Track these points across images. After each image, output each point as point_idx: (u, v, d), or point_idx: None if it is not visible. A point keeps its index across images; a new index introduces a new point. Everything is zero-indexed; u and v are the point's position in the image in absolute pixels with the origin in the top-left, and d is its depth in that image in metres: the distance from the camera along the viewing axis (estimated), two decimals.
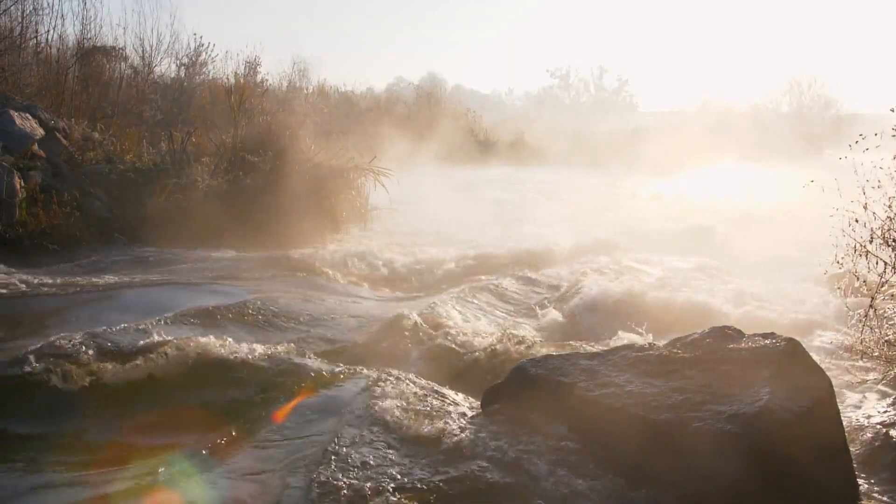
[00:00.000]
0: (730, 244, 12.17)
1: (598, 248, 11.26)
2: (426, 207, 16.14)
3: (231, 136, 13.75)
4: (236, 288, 8.09)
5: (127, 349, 5.16)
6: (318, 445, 3.97)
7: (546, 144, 32.70)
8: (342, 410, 4.43)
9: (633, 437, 3.76)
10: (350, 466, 3.69)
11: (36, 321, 6.80)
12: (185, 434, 4.39)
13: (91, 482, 3.77)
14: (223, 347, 5.32)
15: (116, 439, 4.29)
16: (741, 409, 3.67)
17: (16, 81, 14.93)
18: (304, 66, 29.06)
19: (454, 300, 7.89)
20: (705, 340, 4.37)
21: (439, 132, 28.28)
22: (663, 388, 3.96)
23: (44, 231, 10.23)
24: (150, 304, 7.24)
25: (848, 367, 5.83)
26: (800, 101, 43.23)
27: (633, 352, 4.44)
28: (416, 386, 4.75)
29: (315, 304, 7.57)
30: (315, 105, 24.65)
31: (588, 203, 18.99)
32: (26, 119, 11.76)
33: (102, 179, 11.76)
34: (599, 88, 57.20)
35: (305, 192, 11.97)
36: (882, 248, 5.35)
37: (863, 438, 4.44)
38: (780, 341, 4.17)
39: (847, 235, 5.38)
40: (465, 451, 3.88)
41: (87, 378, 4.82)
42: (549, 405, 4.17)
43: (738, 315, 7.48)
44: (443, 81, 42.78)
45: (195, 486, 3.63)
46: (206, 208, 11.46)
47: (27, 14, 16.72)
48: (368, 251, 11.23)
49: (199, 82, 22.32)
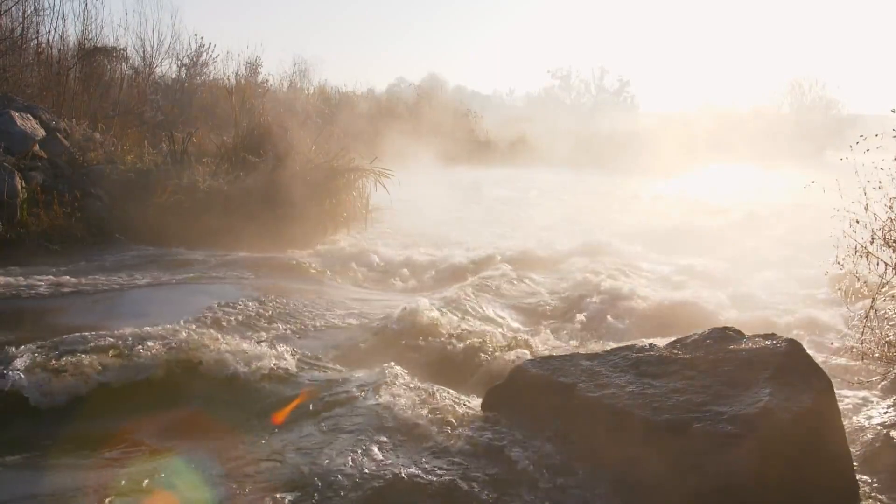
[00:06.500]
0: (731, 245, 12.15)
1: (598, 249, 11.25)
2: (427, 208, 16.14)
3: (232, 136, 13.74)
4: (236, 288, 8.10)
5: (126, 350, 5.16)
6: (318, 446, 3.97)
7: (547, 145, 32.67)
8: (342, 411, 4.43)
9: (633, 438, 3.76)
10: (349, 467, 3.69)
11: (36, 321, 6.81)
12: (184, 435, 4.39)
13: (90, 484, 3.76)
14: (223, 348, 5.32)
15: (115, 440, 4.29)
16: (741, 409, 3.67)
17: (17, 82, 14.96)
18: (304, 67, 29.14)
19: (454, 300, 7.89)
20: (705, 341, 4.37)
21: (440, 133, 28.28)
22: (663, 389, 3.96)
23: (45, 231, 10.25)
24: (151, 305, 7.25)
25: (848, 367, 5.83)
26: (801, 102, 43.21)
27: (633, 352, 4.44)
28: (417, 386, 4.74)
29: (315, 304, 7.57)
30: (316, 105, 24.67)
31: (589, 203, 18.99)
32: (27, 120, 11.77)
33: (103, 180, 11.77)
34: (600, 89, 57.19)
35: (306, 192, 11.97)
36: (883, 248, 5.35)
37: (863, 439, 4.44)
38: (780, 342, 4.17)
39: (848, 236, 5.38)
40: (465, 451, 3.88)
41: (87, 378, 4.82)
42: (550, 406, 4.17)
43: (739, 316, 7.47)
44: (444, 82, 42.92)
45: (194, 488, 3.64)
46: (206, 209, 11.46)
47: (28, 15, 16.76)
48: (369, 251, 11.23)
49: (200, 83, 22.34)
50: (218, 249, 10.61)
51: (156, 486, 3.67)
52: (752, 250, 11.75)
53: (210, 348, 5.29)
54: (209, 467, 3.84)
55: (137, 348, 5.16)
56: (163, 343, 5.27)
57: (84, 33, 18.19)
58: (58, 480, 3.83)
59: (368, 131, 22.89)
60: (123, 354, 5.10)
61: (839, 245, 5.42)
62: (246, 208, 11.57)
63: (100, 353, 5.07)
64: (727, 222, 14.98)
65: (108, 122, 15.36)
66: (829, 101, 42.51)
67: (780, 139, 31.98)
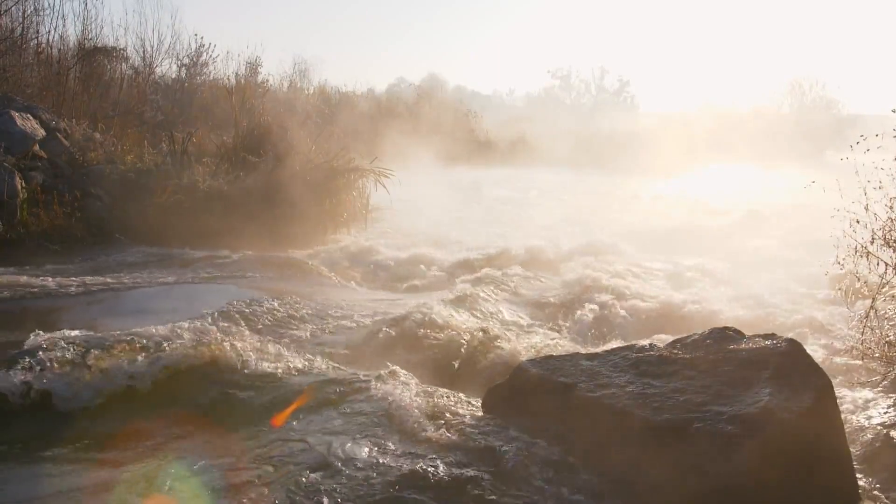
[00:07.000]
0: (731, 245, 12.15)
1: (599, 249, 11.24)
2: (427, 208, 16.14)
3: (232, 136, 13.74)
4: (236, 288, 8.09)
5: (127, 350, 5.16)
6: (318, 447, 3.97)
7: (547, 145, 32.68)
8: (342, 412, 4.43)
9: (633, 438, 3.76)
10: (350, 467, 3.69)
11: (36, 321, 6.79)
12: (184, 436, 4.38)
13: (89, 485, 3.76)
14: (223, 348, 5.32)
15: (115, 441, 4.29)
16: (742, 409, 3.67)
17: (17, 82, 14.97)
18: (304, 67, 29.15)
19: (455, 300, 7.89)
20: (705, 341, 4.37)
21: (440, 133, 28.29)
22: (664, 389, 3.96)
23: (45, 231, 10.25)
24: (151, 305, 7.24)
25: (848, 367, 5.83)
26: (801, 102, 43.20)
27: (633, 352, 4.44)
28: (417, 386, 4.74)
29: (315, 304, 7.57)
30: (316, 105, 24.67)
31: (589, 203, 18.99)
32: (27, 120, 11.77)
33: (103, 180, 11.77)
34: (600, 89, 57.19)
35: (306, 192, 11.97)
36: (883, 248, 5.35)
37: (863, 439, 4.44)
38: (780, 342, 4.17)
39: (848, 236, 5.38)
40: (465, 451, 3.88)
41: (86, 379, 4.82)
42: (550, 406, 4.17)
43: (739, 316, 7.48)
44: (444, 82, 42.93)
45: (194, 490, 3.63)
46: (206, 209, 11.46)
47: (28, 15, 16.77)
48: (369, 251, 11.23)
49: (200, 83, 22.34)
50: (218, 249, 10.61)
51: (156, 486, 3.67)
52: (753, 250, 11.75)
53: (209, 348, 5.29)
54: (209, 468, 3.84)
55: (136, 349, 5.15)
56: (162, 343, 5.26)
57: (84, 33, 18.22)
58: (58, 481, 3.83)
59: (368, 131, 22.91)
60: (122, 355, 5.10)
61: (839, 245, 5.42)
62: (246, 208, 11.58)
63: (98, 354, 5.07)
64: (727, 222, 14.98)
65: (108, 122, 15.36)
66: (829, 101, 42.54)
67: (780, 139, 31.99)
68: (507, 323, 7.62)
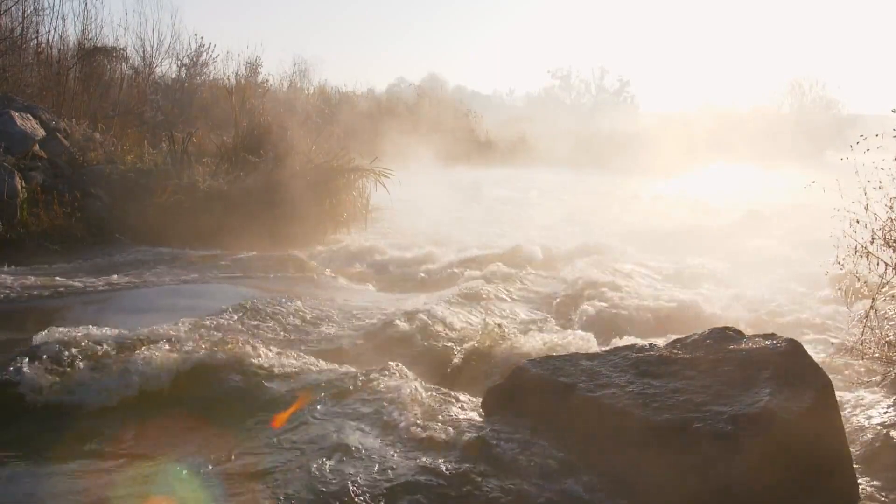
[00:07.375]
0: (731, 245, 12.15)
1: (599, 249, 11.24)
2: (427, 207, 16.14)
3: (232, 136, 13.75)
4: (237, 288, 8.09)
5: (127, 351, 5.16)
6: (318, 448, 3.97)
7: (547, 145, 32.69)
8: (342, 411, 4.43)
9: (633, 438, 3.76)
10: (350, 468, 3.69)
11: (36, 322, 6.79)
12: (183, 437, 4.38)
13: (89, 486, 3.76)
14: (223, 349, 5.32)
15: (115, 442, 4.29)
16: (742, 409, 3.66)
17: (17, 82, 14.97)
18: (304, 67, 29.17)
19: (455, 300, 7.89)
20: (705, 341, 4.36)
21: (440, 133, 28.29)
22: (663, 389, 3.96)
23: (45, 231, 10.26)
24: (151, 305, 7.24)
25: (848, 367, 5.83)
26: (801, 102, 43.22)
27: (633, 352, 4.44)
28: (417, 386, 4.74)
29: (315, 304, 7.57)
30: (316, 105, 24.67)
31: (589, 203, 18.99)
32: (27, 120, 11.77)
33: (103, 180, 11.78)
34: (600, 89, 57.19)
35: (306, 192, 11.98)
36: (883, 249, 5.35)
37: (863, 439, 4.44)
38: (780, 342, 4.16)
39: (848, 236, 5.38)
40: (465, 451, 3.87)
41: (86, 379, 4.82)
42: (550, 406, 4.17)
43: (739, 316, 7.48)
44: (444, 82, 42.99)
45: (194, 491, 3.63)
46: (207, 209, 11.46)
47: (28, 14, 16.78)
48: (369, 251, 11.23)
49: (200, 83, 22.35)
50: (218, 249, 10.61)
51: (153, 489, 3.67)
52: (753, 250, 11.75)
53: (209, 349, 5.28)
54: (210, 469, 3.83)
55: (136, 349, 5.15)
56: (162, 344, 5.26)
57: (84, 33, 18.24)
58: (58, 482, 3.83)
59: (368, 131, 22.92)
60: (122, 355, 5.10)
61: (839, 245, 5.42)
62: (246, 208, 11.58)
63: (98, 354, 5.07)
64: (727, 222, 14.98)
65: (108, 122, 15.36)
66: (829, 101, 42.56)
67: (780, 139, 32.00)
68: (507, 322, 7.62)
